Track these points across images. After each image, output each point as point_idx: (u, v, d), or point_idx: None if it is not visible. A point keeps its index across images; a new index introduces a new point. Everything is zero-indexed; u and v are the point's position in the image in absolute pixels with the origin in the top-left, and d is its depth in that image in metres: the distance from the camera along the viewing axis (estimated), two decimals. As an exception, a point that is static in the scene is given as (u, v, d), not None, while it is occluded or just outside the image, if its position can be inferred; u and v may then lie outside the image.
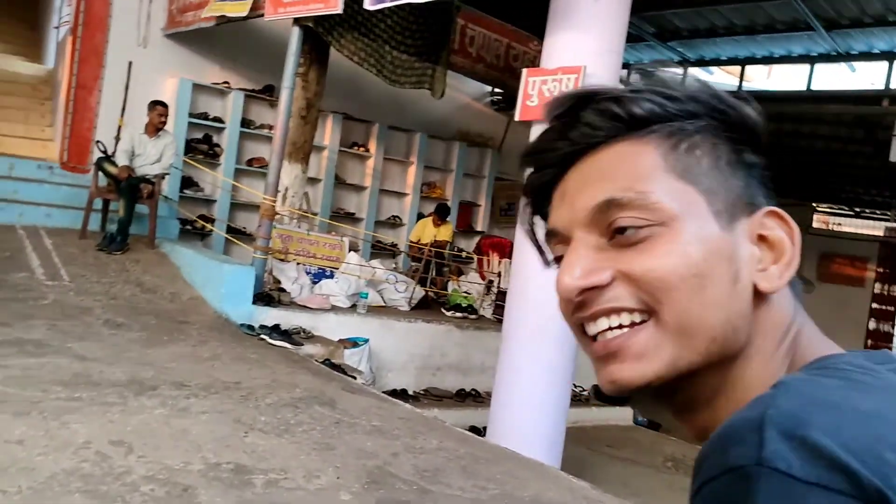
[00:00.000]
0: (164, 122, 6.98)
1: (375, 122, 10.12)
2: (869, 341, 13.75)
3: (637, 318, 0.54)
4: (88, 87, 7.76)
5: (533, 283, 5.11)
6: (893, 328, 14.68)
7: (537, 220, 0.64)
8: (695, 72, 9.62)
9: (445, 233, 9.20)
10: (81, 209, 6.83)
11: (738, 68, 9.33)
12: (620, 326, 0.54)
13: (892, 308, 14.74)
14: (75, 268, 5.89)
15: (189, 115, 8.38)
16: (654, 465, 6.74)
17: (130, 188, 6.55)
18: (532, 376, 5.03)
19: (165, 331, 5.01)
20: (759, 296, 0.55)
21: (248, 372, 4.48)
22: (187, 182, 8.49)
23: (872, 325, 14.61)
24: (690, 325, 0.52)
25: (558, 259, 0.59)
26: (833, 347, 0.56)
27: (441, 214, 9.18)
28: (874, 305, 14.72)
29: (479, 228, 11.65)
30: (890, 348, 14.02)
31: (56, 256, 6.04)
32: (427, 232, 9.15)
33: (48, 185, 7.27)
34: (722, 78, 9.86)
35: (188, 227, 8.22)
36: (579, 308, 0.56)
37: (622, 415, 8.19)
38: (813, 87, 8.44)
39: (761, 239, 0.56)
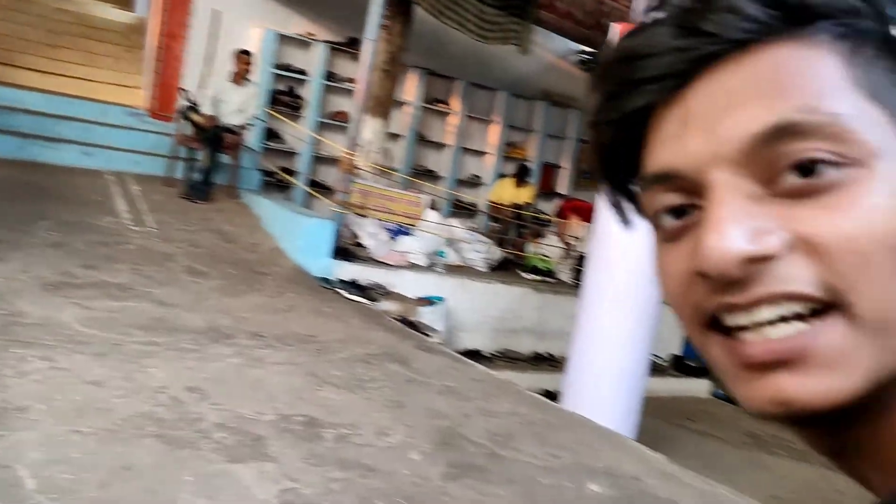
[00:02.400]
0: (249, 71, 7.00)
1: (458, 79, 9.91)
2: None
3: (809, 308, 0.37)
4: (176, 36, 7.85)
5: (614, 248, 4.89)
6: None
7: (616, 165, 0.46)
8: None
9: (526, 194, 8.99)
10: (167, 157, 6.96)
11: None
12: (796, 318, 0.37)
13: None
14: (160, 214, 6.01)
15: (273, 67, 8.38)
16: (732, 441, 6.48)
17: (214, 137, 6.62)
18: (610, 343, 4.85)
19: (244, 280, 5.05)
20: None
21: (323, 325, 4.47)
22: (270, 134, 8.55)
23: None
24: (894, 318, 0.36)
25: (660, 216, 0.41)
26: None
27: (522, 175, 8.96)
28: None
29: (560, 191, 11.36)
30: None
31: (142, 203, 6.18)
32: (507, 192, 8.97)
33: (136, 132, 7.43)
34: None
35: (270, 178, 8.29)
36: (726, 290, 0.37)
37: (700, 387, 7.93)
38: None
39: None
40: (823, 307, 0.36)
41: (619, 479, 3.14)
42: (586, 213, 8.83)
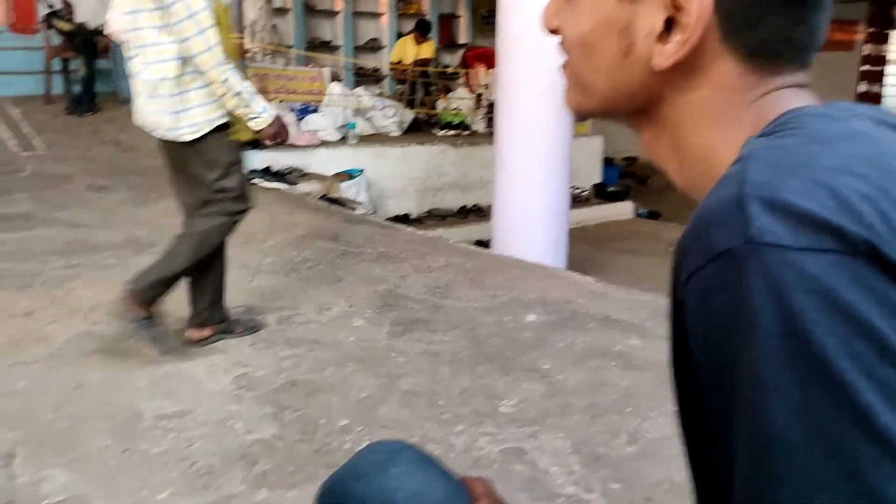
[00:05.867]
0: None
1: (336, -63, 9.32)
2: (864, 105, 13.50)
3: None
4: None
5: (520, 91, 4.90)
6: (882, 87, 14.39)
7: None
8: None
9: (428, 50, 8.77)
10: (42, 73, 6.48)
11: None
12: None
13: (881, 68, 14.36)
14: (48, 135, 5.67)
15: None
16: (657, 252, 6.83)
17: (86, 43, 6.15)
18: (529, 184, 4.95)
19: (153, 188, 4.89)
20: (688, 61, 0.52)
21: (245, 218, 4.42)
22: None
23: (863, 87, 14.29)
24: (583, 83, 0.57)
25: None
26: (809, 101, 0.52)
27: (421, 31, 8.70)
28: (863, 68, 14.32)
29: (461, 41, 11.12)
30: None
31: (25, 125, 5.81)
32: (408, 51, 8.73)
33: (1, 51, 6.84)
34: None
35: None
36: None
37: (623, 210, 8.24)
38: None
39: (677, 9, 0.51)
40: None
41: (553, 304, 3.34)
42: (491, 60, 8.70)
